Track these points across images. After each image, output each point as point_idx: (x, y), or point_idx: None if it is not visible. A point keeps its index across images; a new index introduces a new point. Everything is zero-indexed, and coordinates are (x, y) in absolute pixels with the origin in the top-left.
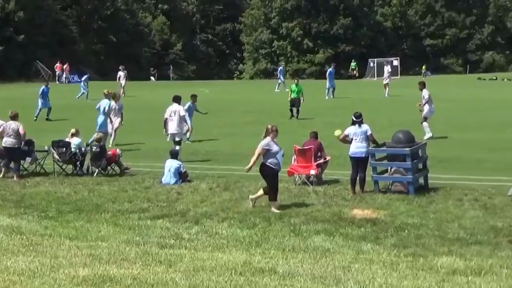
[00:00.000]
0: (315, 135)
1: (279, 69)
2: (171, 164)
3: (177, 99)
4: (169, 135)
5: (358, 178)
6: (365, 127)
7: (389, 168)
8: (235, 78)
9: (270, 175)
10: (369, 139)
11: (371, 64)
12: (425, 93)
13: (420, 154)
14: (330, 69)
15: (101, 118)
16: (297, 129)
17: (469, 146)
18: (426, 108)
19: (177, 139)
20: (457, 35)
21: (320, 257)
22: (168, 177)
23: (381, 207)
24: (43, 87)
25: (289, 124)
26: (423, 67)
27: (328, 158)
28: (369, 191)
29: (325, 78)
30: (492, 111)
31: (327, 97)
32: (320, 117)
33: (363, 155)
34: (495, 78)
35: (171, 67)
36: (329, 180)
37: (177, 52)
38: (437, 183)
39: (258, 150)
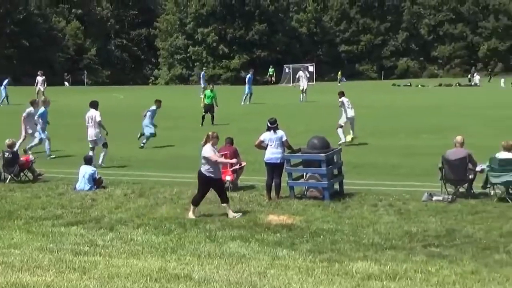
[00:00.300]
0: (230, 141)
1: (201, 74)
2: (85, 170)
3: (93, 105)
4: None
5: (273, 184)
6: (280, 133)
7: (304, 174)
8: (150, 84)
9: (205, 182)
10: (284, 145)
11: (287, 70)
12: (341, 100)
13: (335, 160)
14: (249, 74)
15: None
16: None
17: (384, 152)
18: (342, 115)
19: (99, 143)
20: (372, 41)
21: (235, 263)
22: (82, 183)
23: (296, 212)
24: None
25: (204, 130)
26: (339, 73)
27: (243, 164)
28: (284, 197)
29: (242, 84)
30: (406, 117)
31: (242, 103)
32: (235, 123)
33: (278, 161)
34: (409, 84)
35: (86, 72)
36: (244, 186)
37: (91, 57)
38: (352, 189)
39: (215, 157)
